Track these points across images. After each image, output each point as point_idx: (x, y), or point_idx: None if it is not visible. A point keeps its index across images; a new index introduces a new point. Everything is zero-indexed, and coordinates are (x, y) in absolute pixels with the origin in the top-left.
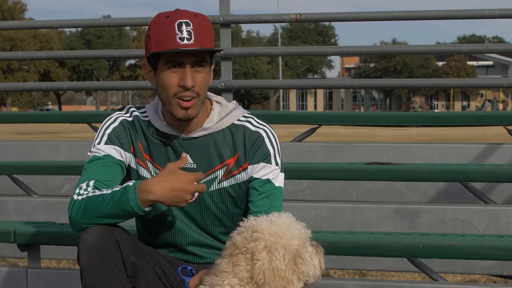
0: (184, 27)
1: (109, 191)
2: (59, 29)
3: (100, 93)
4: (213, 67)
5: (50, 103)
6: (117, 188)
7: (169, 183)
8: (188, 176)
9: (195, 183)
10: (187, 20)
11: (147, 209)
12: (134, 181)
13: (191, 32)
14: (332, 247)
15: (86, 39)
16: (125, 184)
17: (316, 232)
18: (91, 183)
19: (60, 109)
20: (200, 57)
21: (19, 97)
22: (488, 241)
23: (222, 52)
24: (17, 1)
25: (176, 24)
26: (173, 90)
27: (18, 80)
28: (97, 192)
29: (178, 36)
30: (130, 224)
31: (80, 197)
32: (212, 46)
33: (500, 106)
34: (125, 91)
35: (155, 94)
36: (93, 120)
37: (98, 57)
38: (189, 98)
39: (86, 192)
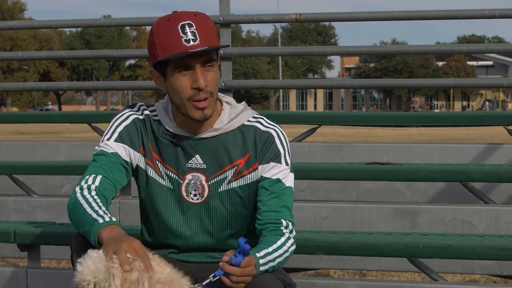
0: (187, 29)
1: (90, 211)
2: (59, 29)
3: (100, 93)
4: (219, 63)
5: (50, 103)
6: (94, 215)
7: (118, 246)
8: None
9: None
10: (189, 21)
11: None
12: (108, 217)
13: (195, 32)
14: (332, 247)
15: (86, 39)
16: (98, 219)
17: (316, 232)
18: (98, 178)
19: (60, 109)
20: (208, 56)
21: (19, 97)
22: (488, 241)
23: (222, 51)
24: (16, 1)
25: (179, 26)
26: (187, 94)
27: (18, 80)
28: (89, 201)
29: (183, 38)
30: (130, 224)
31: (78, 193)
32: (217, 43)
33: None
34: (125, 91)
35: (156, 94)
36: (93, 120)
37: (98, 57)
38: (204, 99)
39: (88, 190)
